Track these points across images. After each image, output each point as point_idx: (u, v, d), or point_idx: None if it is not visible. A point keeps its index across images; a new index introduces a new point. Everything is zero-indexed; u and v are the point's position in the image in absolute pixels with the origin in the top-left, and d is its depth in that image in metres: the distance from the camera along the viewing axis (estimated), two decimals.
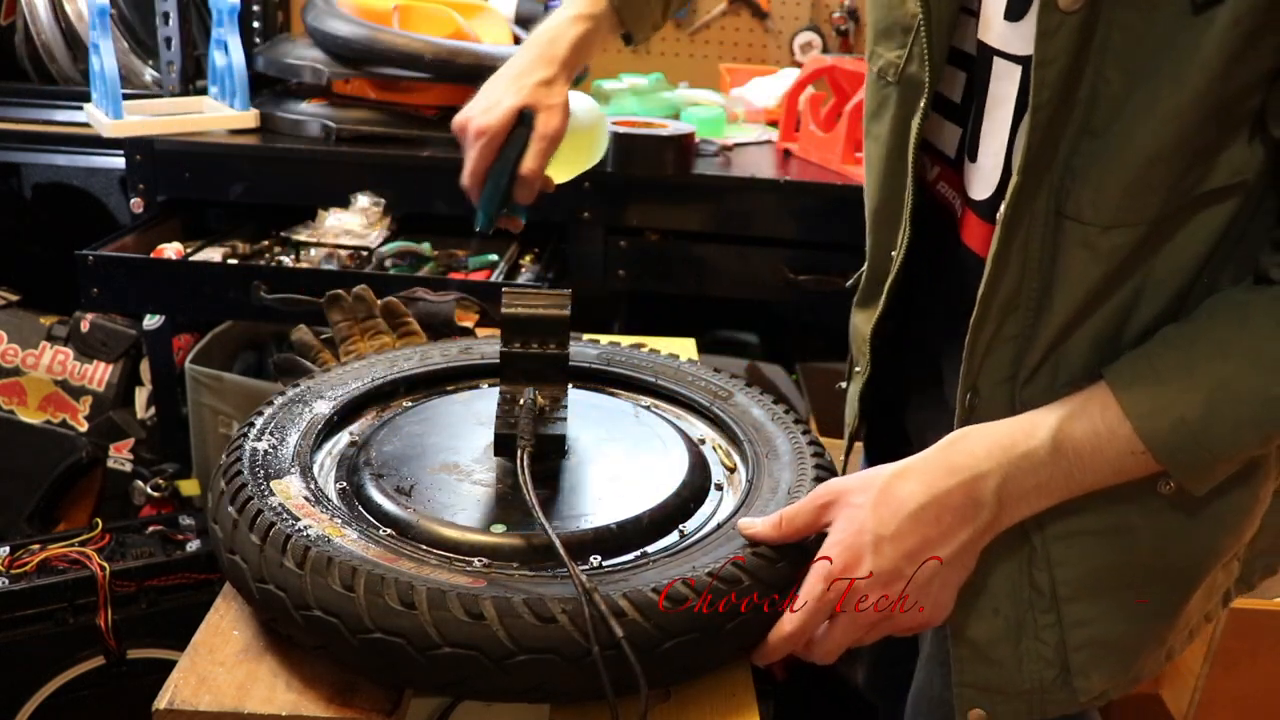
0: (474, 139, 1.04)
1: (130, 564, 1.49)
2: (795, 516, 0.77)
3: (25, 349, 1.96)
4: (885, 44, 0.86)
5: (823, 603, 0.74)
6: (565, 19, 1.09)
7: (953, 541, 0.73)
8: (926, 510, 0.73)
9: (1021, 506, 0.75)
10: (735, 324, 2.28)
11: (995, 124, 0.78)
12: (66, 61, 1.97)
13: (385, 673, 0.71)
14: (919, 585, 0.73)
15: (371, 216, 1.64)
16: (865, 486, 0.75)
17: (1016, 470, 0.73)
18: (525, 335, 0.90)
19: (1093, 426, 0.72)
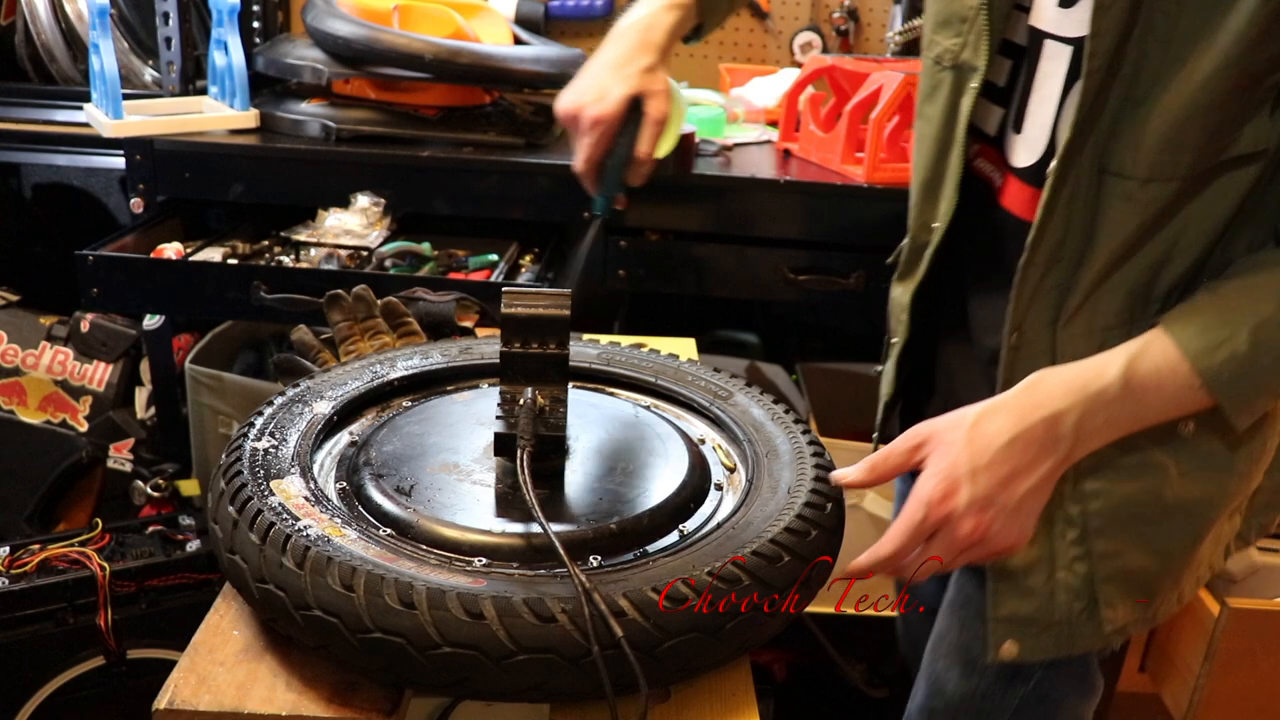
0: (589, 127, 1.09)
1: (130, 564, 1.49)
2: (887, 458, 0.85)
3: (25, 349, 1.96)
4: (943, 33, 0.95)
5: (922, 526, 0.81)
6: (658, 7, 1.13)
7: (1037, 472, 0.81)
8: (1015, 443, 0.81)
9: (1094, 439, 0.83)
10: (735, 324, 2.28)
11: (1043, 98, 0.89)
12: (66, 61, 1.97)
13: (385, 673, 0.71)
14: (1008, 512, 0.81)
15: (371, 216, 1.64)
16: (956, 425, 0.83)
17: (1091, 407, 0.81)
18: (525, 335, 0.90)
19: (1155, 366, 0.82)
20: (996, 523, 0.81)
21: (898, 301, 1.09)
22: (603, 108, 1.08)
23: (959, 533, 0.81)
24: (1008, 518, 0.81)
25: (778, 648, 1.99)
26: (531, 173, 1.65)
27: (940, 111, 0.96)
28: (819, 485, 0.87)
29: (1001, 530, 0.82)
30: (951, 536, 0.81)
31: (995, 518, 0.81)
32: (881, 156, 1.61)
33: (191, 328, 1.96)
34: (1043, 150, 0.89)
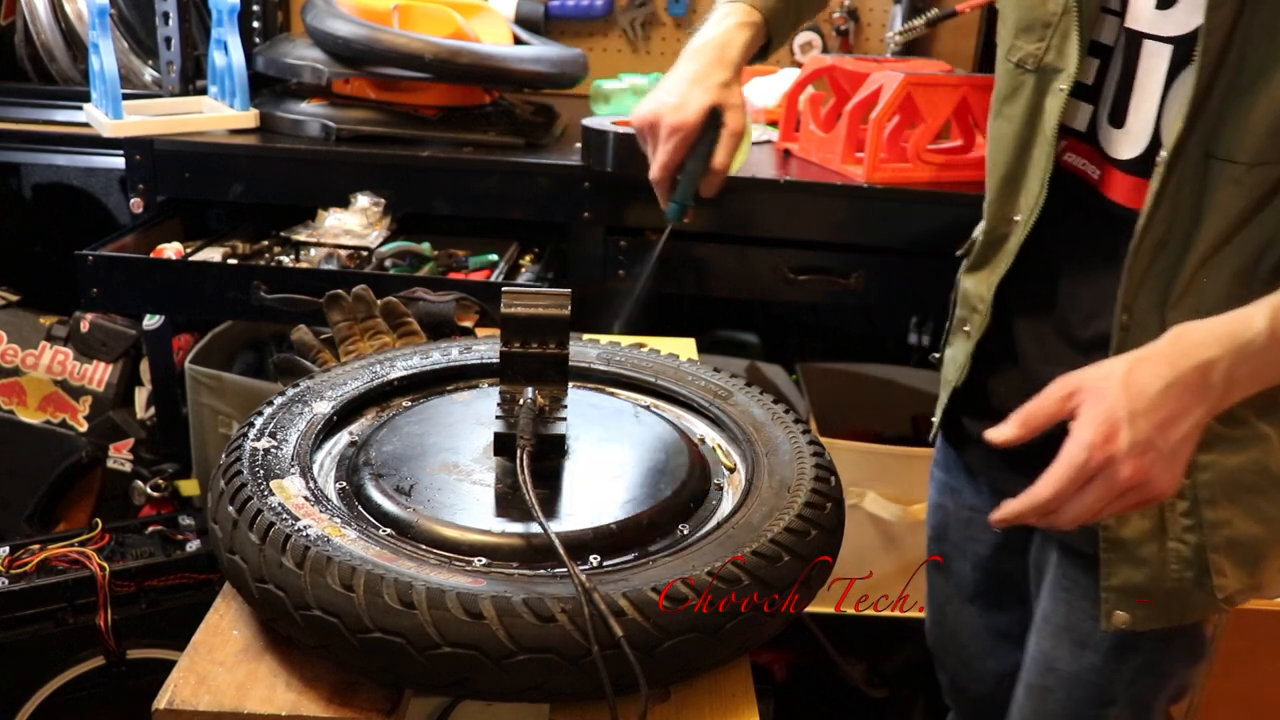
0: (668, 135, 1.12)
1: (130, 564, 1.49)
2: (1038, 410, 0.84)
3: (25, 349, 1.96)
4: (1025, 37, 1.00)
5: (1083, 470, 0.81)
6: (731, 26, 1.17)
7: (1191, 416, 0.82)
8: (1171, 388, 0.81)
9: (1241, 389, 0.84)
10: (735, 324, 2.28)
11: (1145, 94, 0.94)
12: (66, 61, 1.97)
13: (385, 673, 0.71)
14: (1166, 455, 0.81)
15: (371, 216, 1.64)
16: (1108, 374, 0.83)
17: (1240, 356, 0.82)
18: (525, 335, 0.90)
19: None
20: (1156, 466, 0.81)
21: (973, 291, 1.12)
22: (683, 116, 1.12)
23: (1120, 476, 0.81)
24: (1166, 461, 0.82)
25: (778, 648, 1.99)
26: (531, 173, 1.65)
27: (1022, 111, 1.01)
28: (819, 485, 0.87)
29: (1160, 475, 0.82)
30: (1112, 480, 0.81)
31: (1155, 461, 0.81)
32: (881, 156, 1.61)
33: (191, 328, 1.96)
34: (1147, 142, 0.94)
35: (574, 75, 1.80)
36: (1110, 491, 0.81)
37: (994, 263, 1.08)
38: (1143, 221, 0.91)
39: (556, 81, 1.76)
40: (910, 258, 1.66)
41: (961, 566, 1.29)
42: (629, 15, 2.17)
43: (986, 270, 1.10)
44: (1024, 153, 1.02)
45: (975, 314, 1.11)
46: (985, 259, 1.10)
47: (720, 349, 2.18)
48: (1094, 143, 0.99)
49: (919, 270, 1.66)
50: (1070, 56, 0.96)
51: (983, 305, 1.10)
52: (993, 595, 1.26)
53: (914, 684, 1.92)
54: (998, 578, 1.25)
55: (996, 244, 1.08)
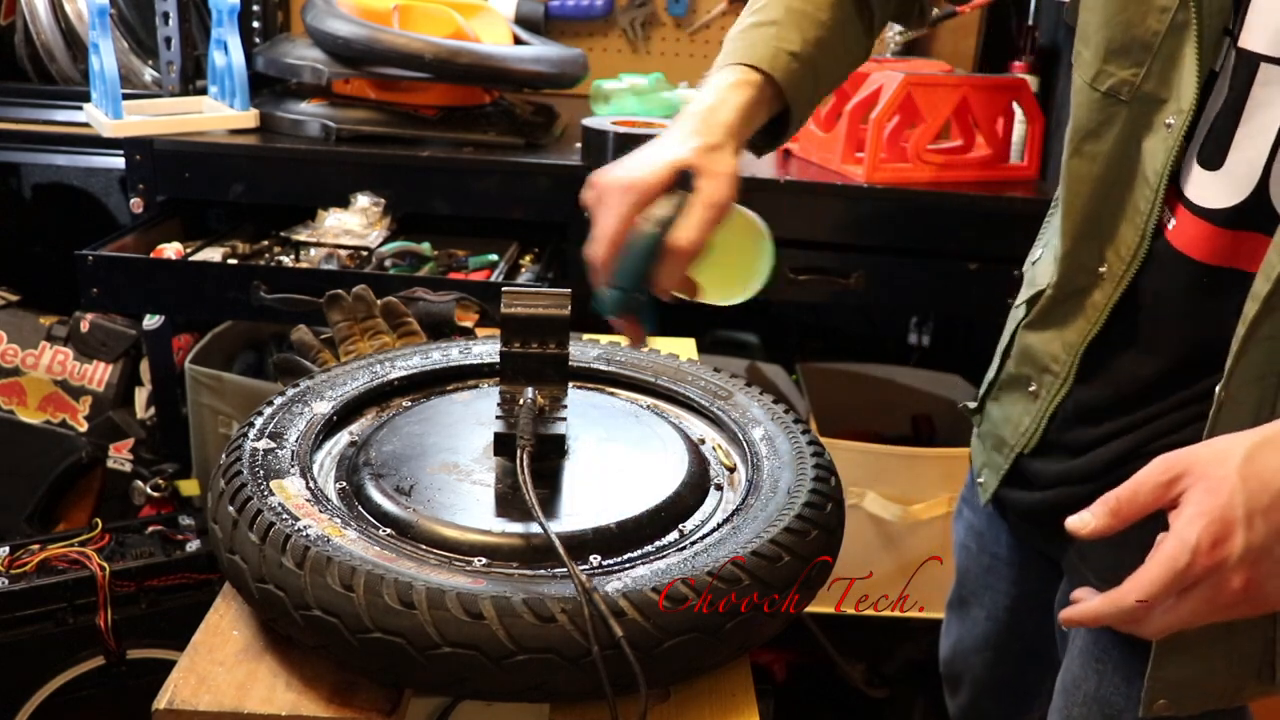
0: (619, 195, 0.87)
1: (130, 564, 1.49)
2: (1135, 496, 0.71)
3: (25, 349, 1.96)
4: (1118, 62, 0.85)
5: (1183, 577, 0.68)
6: (724, 85, 0.94)
7: None
8: None
9: None
10: (735, 324, 2.28)
11: (1254, 130, 0.79)
12: (66, 61, 1.97)
13: (385, 673, 0.71)
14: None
15: (371, 216, 1.64)
16: (1223, 458, 0.69)
17: None
18: (525, 335, 0.90)
19: None
20: (1272, 579, 0.68)
21: (1042, 350, 0.98)
22: (639, 173, 0.87)
23: (1228, 587, 0.68)
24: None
25: (778, 648, 1.99)
26: (531, 173, 1.65)
27: (1111, 149, 0.87)
28: (819, 485, 0.87)
29: (1273, 587, 0.68)
30: (1218, 591, 0.68)
31: (1271, 574, 0.68)
32: (881, 156, 1.61)
33: (191, 328, 1.96)
34: (1251, 189, 0.79)
35: (574, 75, 1.80)
36: (1213, 605, 0.69)
37: (1073, 319, 0.95)
38: (1271, 289, 0.76)
39: (556, 81, 1.76)
40: (910, 258, 1.66)
41: (977, 614, 1.22)
42: (629, 15, 2.17)
43: (1060, 328, 0.96)
44: (1113, 196, 0.88)
45: (1047, 375, 0.98)
46: (1059, 314, 0.97)
47: (720, 349, 2.18)
48: (1174, 183, 0.85)
49: (919, 270, 1.66)
50: (1182, 85, 0.80)
51: (1057, 366, 0.96)
52: (1003, 649, 1.21)
53: (914, 684, 1.93)
54: (1011, 632, 1.19)
55: (1074, 297, 0.94)
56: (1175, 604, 0.70)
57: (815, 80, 0.99)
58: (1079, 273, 0.93)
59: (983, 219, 1.64)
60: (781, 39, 0.96)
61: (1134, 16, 0.83)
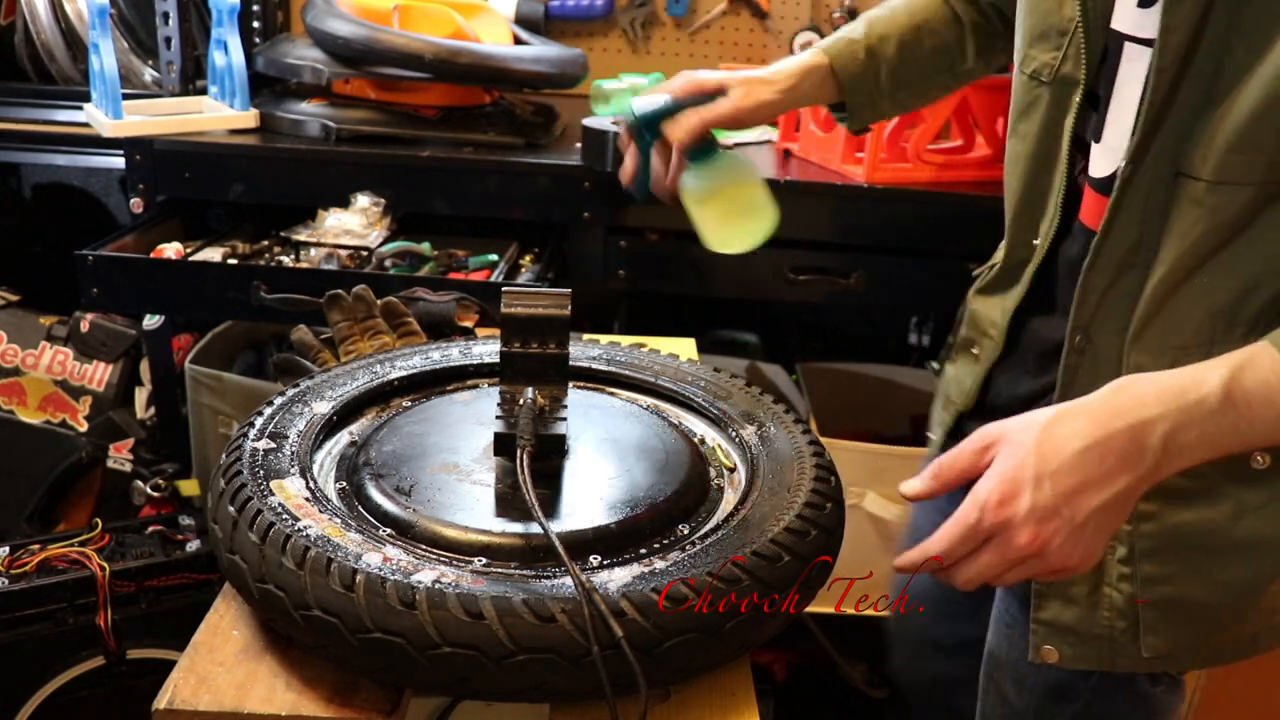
0: (681, 77, 1.14)
1: (130, 564, 1.49)
2: (954, 462, 0.77)
3: (25, 349, 1.96)
4: (1040, 47, 0.93)
5: (975, 530, 0.73)
6: (793, 60, 1.18)
7: (1112, 486, 0.72)
8: (1090, 451, 0.72)
9: (1185, 457, 0.73)
10: (735, 324, 2.28)
11: (1122, 105, 0.86)
12: (66, 61, 1.97)
13: (385, 673, 0.71)
14: (1072, 527, 0.72)
15: (371, 216, 1.64)
16: (1028, 426, 0.74)
17: (1185, 418, 0.72)
18: (525, 335, 0.90)
19: (1263, 378, 0.72)
20: (1057, 538, 0.72)
21: (984, 315, 1.06)
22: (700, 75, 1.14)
23: (1014, 543, 0.72)
24: (1071, 534, 0.72)
25: (778, 648, 1.99)
26: (531, 173, 1.65)
27: (1039, 127, 0.94)
28: (819, 485, 0.87)
29: (1062, 547, 0.72)
30: (1006, 546, 0.73)
31: (1057, 532, 0.72)
32: (881, 156, 1.61)
33: (191, 328, 1.96)
34: (1122, 158, 0.85)
35: (574, 75, 1.80)
36: (1004, 559, 0.73)
37: (1011, 288, 1.02)
38: (1097, 239, 0.85)
39: (556, 81, 1.76)
40: (910, 258, 1.66)
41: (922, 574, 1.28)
42: (629, 15, 2.17)
43: (1001, 295, 1.04)
44: (1041, 172, 0.95)
45: (986, 339, 1.06)
46: (1001, 283, 1.04)
47: (720, 349, 2.18)
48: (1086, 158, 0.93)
49: (919, 270, 1.66)
50: (1083, 64, 0.88)
51: (995, 331, 1.04)
52: (943, 607, 1.25)
53: None
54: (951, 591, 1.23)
55: (1014, 269, 1.02)
56: (974, 556, 0.75)
57: (878, 70, 1.17)
58: (1020, 246, 1.00)
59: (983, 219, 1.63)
60: (850, 30, 1.18)
61: (1051, 5, 0.92)
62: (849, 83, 1.17)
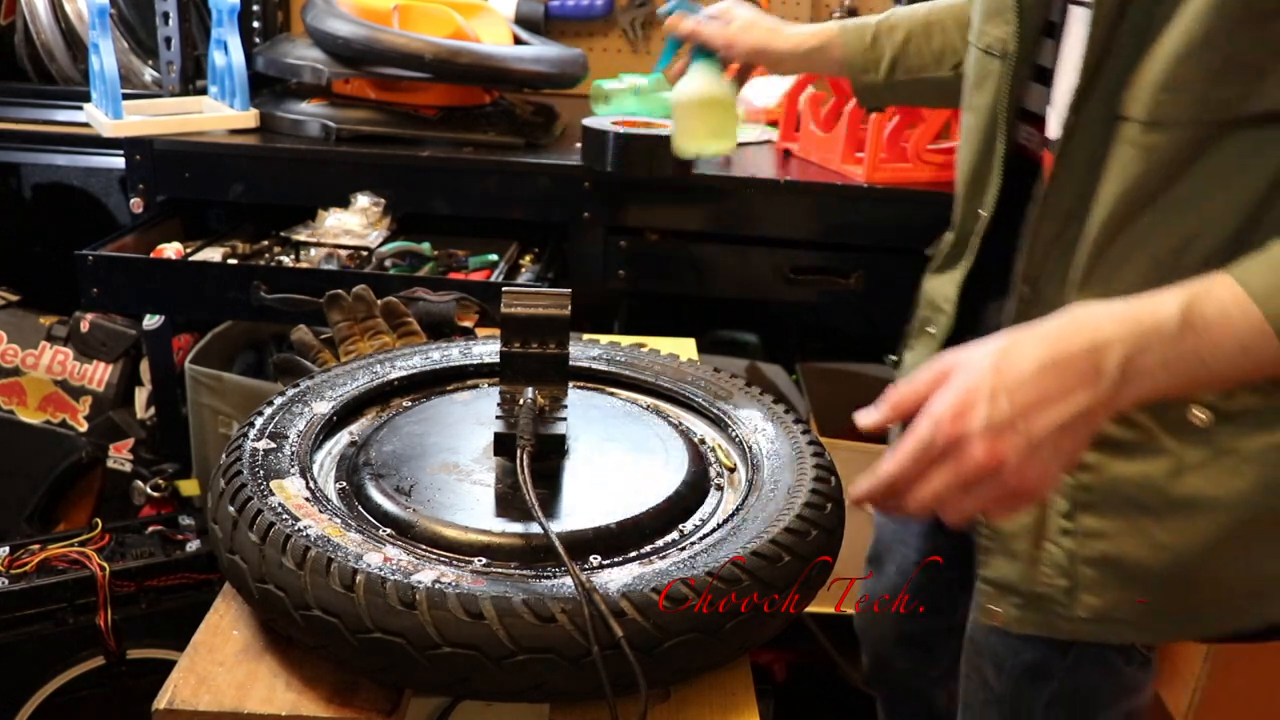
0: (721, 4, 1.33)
1: (130, 564, 1.49)
2: (909, 391, 0.74)
3: (25, 349, 1.96)
4: (993, 22, 0.97)
5: (930, 447, 0.70)
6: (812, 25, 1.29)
7: (1070, 404, 0.69)
8: (1047, 369, 0.70)
9: (1144, 382, 0.71)
10: (735, 324, 2.28)
11: (1068, 66, 0.88)
12: (66, 61, 1.97)
13: (385, 673, 0.71)
14: (1029, 444, 0.69)
15: (371, 216, 1.64)
16: (984, 350, 0.72)
17: (1144, 342, 0.70)
18: (525, 335, 0.90)
19: (1221, 306, 0.70)
20: (1014, 455, 0.69)
21: (939, 292, 1.08)
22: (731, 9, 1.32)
23: (969, 458, 0.69)
24: (1028, 451, 0.69)
25: (778, 648, 1.99)
26: (531, 173, 1.65)
27: (989, 100, 0.96)
28: (819, 485, 0.87)
29: (1019, 465, 0.69)
30: (960, 461, 0.69)
31: (1016, 448, 0.69)
32: (881, 156, 1.61)
33: (191, 328, 1.96)
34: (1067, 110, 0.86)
35: (574, 75, 1.80)
36: (959, 475, 0.70)
37: (959, 261, 1.04)
38: (1046, 186, 0.85)
39: (556, 81, 1.76)
40: (910, 258, 1.65)
41: (888, 567, 1.28)
42: (629, 15, 2.17)
43: (952, 270, 1.06)
44: (990, 144, 0.97)
45: (940, 314, 1.06)
46: (951, 259, 1.06)
47: (720, 349, 2.18)
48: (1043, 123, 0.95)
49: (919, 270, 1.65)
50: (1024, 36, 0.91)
51: (948, 305, 1.04)
52: (910, 601, 1.25)
53: None
54: (918, 586, 1.23)
55: (963, 241, 1.03)
56: (928, 476, 0.71)
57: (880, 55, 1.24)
58: (969, 217, 1.02)
59: None
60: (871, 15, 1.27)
61: None
62: (849, 59, 1.25)
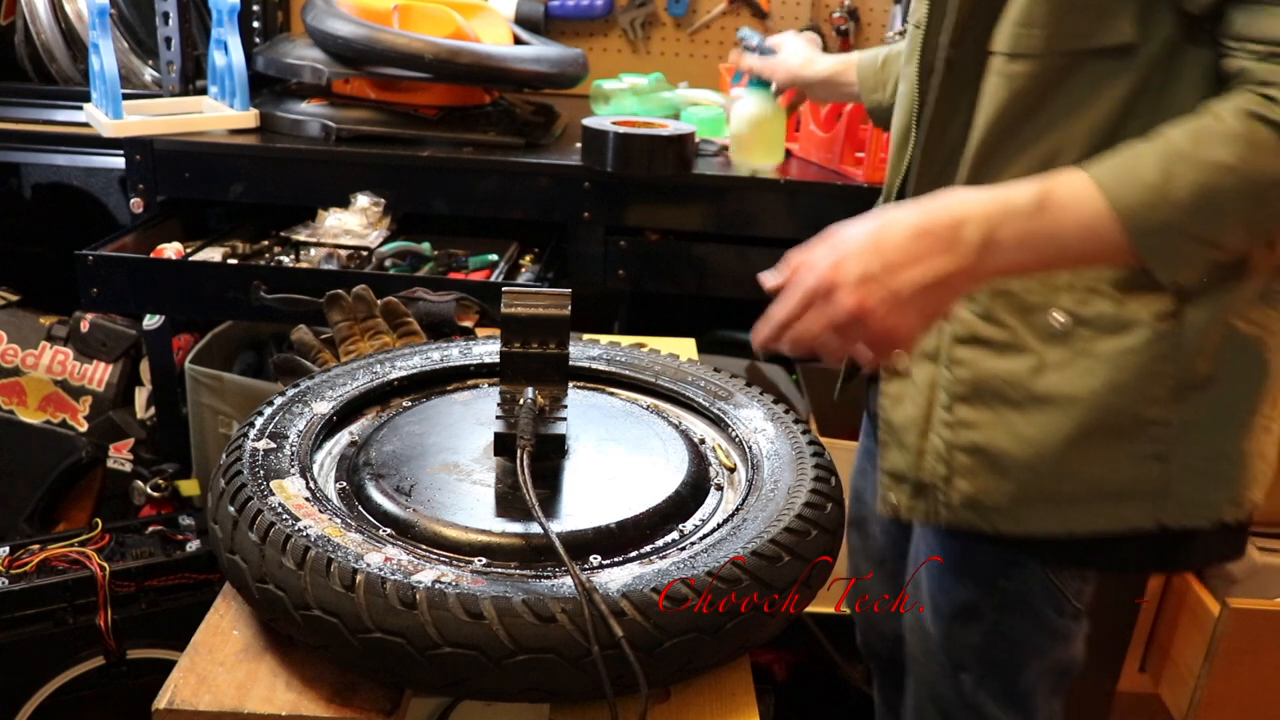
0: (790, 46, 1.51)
1: (130, 564, 1.49)
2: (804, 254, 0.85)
3: (25, 349, 1.96)
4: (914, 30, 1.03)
5: (808, 292, 0.82)
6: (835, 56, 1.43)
7: (932, 266, 0.81)
8: (916, 235, 0.81)
9: (1001, 254, 0.81)
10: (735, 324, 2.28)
11: None
12: (66, 61, 1.97)
13: (385, 673, 0.71)
14: (893, 296, 0.80)
15: (371, 216, 1.64)
16: (867, 218, 0.84)
17: (1002, 219, 0.81)
18: (525, 335, 0.90)
19: (1072, 191, 0.81)
20: (880, 305, 0.80)
21: None
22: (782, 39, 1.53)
23: (840, 303, 0.81)
24: (892, 303, 0.81)
25: (778, 648, 1.99)
26: (531, 173, 1.65)
27: (914, 67, 1.03)
28: (819, 485, 0.87)
29: (883, 315, 0.81)
30: (832, 305, 0.81)
31: (881, 300, 0.80)
32: (881, 156, 1.61)
33: (191, 328, 1.96)
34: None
35: (574, 75, 1.80)
36: (832, 319, 0.82)
37: None
38: (929, 115, 0.96)
39: (556, 81, 1.76)
40: None
41: (873, 529, 1.32)
42: (629, 15, 2.17)
43: None
44: (913, 104, 1.03)
45: None
46: None
47: (720, 349, 2.18)
48: None
49: None
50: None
51: None
52: (894, 561, 1.28)
53: None
54: (900, 545, 1.26)
55: (889, 195, 1.09)
56: (808, 319, 0.83)
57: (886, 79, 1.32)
58: (894, 175, 1.08)
59: None
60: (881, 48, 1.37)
61: None
62: (862, 82, 1.35)
